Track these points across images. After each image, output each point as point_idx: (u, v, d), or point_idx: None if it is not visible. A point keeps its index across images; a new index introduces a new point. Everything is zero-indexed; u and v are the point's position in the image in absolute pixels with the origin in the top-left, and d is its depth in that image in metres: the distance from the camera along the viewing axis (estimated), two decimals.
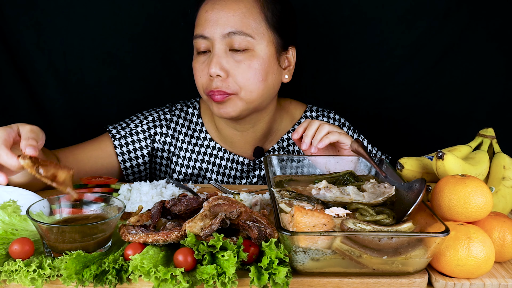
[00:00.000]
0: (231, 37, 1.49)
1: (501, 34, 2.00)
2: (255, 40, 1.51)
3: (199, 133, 1.74)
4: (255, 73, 1.52)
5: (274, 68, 1.58)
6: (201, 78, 1.56)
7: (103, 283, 0.96)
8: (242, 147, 1.72)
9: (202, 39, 1.53)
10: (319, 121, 1.44)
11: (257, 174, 1.73)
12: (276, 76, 1.59)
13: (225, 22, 1.49)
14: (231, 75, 1.51)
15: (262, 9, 1.53)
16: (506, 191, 1.31)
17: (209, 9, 1.53)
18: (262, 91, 1.56)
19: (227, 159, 1.72)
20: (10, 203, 1.16)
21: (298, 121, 1.77)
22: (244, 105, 1.55)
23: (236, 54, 1.51)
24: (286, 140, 1.74)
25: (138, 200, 1.33)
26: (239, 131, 1.68)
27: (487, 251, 1.03)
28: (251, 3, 1.53)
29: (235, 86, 1.51)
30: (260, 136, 1.71)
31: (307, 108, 1.80)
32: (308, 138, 1.42)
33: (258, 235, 1.03)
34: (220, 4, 1.52)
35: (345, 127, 1.80)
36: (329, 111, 1.82)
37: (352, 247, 0.97)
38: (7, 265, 0.98)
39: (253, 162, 1.71)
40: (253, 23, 1.51)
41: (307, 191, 1.22)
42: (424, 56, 2.04)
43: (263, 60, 1.53)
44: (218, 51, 1.51)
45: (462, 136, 1.55)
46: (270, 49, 1.55)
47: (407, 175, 1.40)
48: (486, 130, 1.46)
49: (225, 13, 1.50)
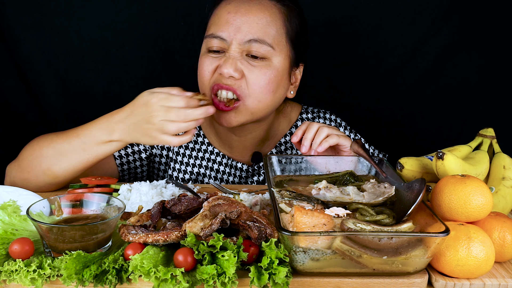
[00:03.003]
0: (251, 44, 1.44)
1: (501, 34, 2.00)
2: (274, 51, 1.47)
3: (197, 138, 1.71)
4: (268, 83, 1.47)
5: (285, 83, 1.55)
6: (209, 74, 1.48)
7: (103, 283, 0.96)
8: (241, 151, 1.69)
9: (218, 39, 1.46)
10: (318, 123, 1.43)
11: (256, 180, 1.70)
12: (284, 91, 1.56)
13: (248, 29, 1.44)
14: (245, 77, 1.45)
15: (285, 21, 1.50)
16: (506, 191, 1.31)
17: (233, 11, 1.46)
18: (269, 103, 1.51)
19: (225, 164, 1.69)
20: (10, 203, 1.16)
21: (294, 123, 1.75)
22: (248, 116, 1.50)
23: (253, 60, 1.46)
24: (284, 144, 1.72)
25: (138, 200, 1.33)
26: (237, 136, 1.65)
27: (487, 251, 1.03)
28: (276, 13, 1.48)
29: (245, 89, 1.45)
30: (258, 141, 1.68)
31: (302, 110, 1.78)
32: (308, 141, 1.40)
33: (258, 235, 1.03)
34: (245, 8, 1.45)
35: (342, 127, 1.78)
36: (325, 112, 1.79)
37: (352, 247, 0.97)
38: (7, 265, 0.98)
39: (252, 168, 1.69)
40: (276, 34, 1.47)
41: (307, 191, 1.22)
42: (424, 56, 2.04)
43: (277, 72, 1.48)
44: (235, 54, 1.45)
45: (462, 136, 1.55)
46: (285, 63, 1.51)
47: (407, 175, 1.40)
48: (486, 130, 1.46)
49: (249, 20, 1.44)
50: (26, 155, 1.46)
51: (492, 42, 2.01)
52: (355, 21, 2.01)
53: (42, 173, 1.42)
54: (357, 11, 2.00)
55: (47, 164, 1.41)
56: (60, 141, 1.41)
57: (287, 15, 1.50)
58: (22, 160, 1.47)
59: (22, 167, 1.46)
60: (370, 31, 2.02)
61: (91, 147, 1.38)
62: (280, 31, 1.48)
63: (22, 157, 1.47)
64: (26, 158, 1.46)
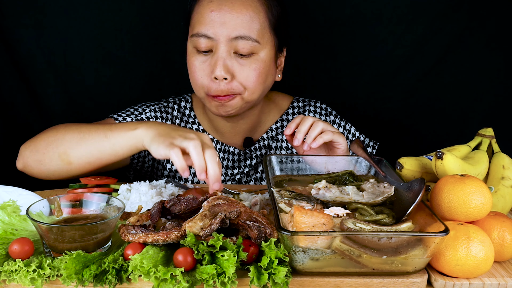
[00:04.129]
0: (238, 41, 1.49)
1: (501, 34, 2.00)
2: (260, 45, 1.52)
3: (192, 125, 1.76)
4: (258, 76, 1.54)
5: (273, 70, 1.62)
6: (202, 78, 1.55)
7: (103, 283, 0.97)
8: (233, 137, 1.75)
9: (205, 38, 1.51)
10: (312, 117, 1.42)
11: (248, 163, 1.75)
12: (272, 77, 1.64)
13: (233, 26, 1.48)
14: (235, 77, 1.52)
15: (267, 12, 1.54)
16: (505, 191, 1.31)
17: (216, 8, 1.49)
18: (262, 92, 1.60)
19: (219, 149, 1.75)
20: (10, 203, 1.17)
21: (285, 111, 1.81)
22: (244, 104, 1.59)
23: (241, 58, 1.51)
24: (274, 130, 1.78)
25: (137, 200, 1.33)
26: (229, 123, 1.71)
27: (486, 251, 1.03)
28: (258, 7, 1.52)
29: (239, 87, 1.53)
30: (249, 127, 1.74)
31: (294, 99, 1.84)
32: (301, 134, 1.40)
33: (258, 235, 1.03)
34: (228, 6, 1.49)
35: (332, 115, 1.82)
36: (316, 101, 1.84)
37: (351, 246, 0.97)
38: (7, 265, 0.98)
39: (243, 152, 1.75)
40: (259, 28, 1.51)
41: (306, 191, 1.22)
42: (424, 56, 2.04)
43: (265, 63, 1.55)
44: (223, 54, 1.50)
45: (461, 136, 1.55)
46: (271, 53, 1.58)
47: (407, 175, 1.40)
48: (486, 129, 1.46)
49: (233, 16, 1.48)
50: (46, 136, 1.45)
51: (492, 42, 2.01)
52: (355, 21, 2.01)
53: (57, 156, 1.41)
54: (357, 11, 2.00)
55: (64, 147, 1.40)
56: (85, 129, 1.41)
57: (268, 6, 1.54)
58: (39, 140, 1.46)
59: (38, 147, 1.45)
60: (370, 31, 2.02)
61: (113, 135, 1.36)
62: (263, 24, 1.53)
63: (41, 138, 1.46)
64: (44, 139, 1.45)
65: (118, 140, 1.35)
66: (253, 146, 1.76)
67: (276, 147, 1.78)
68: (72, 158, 1.40)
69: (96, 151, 1.38)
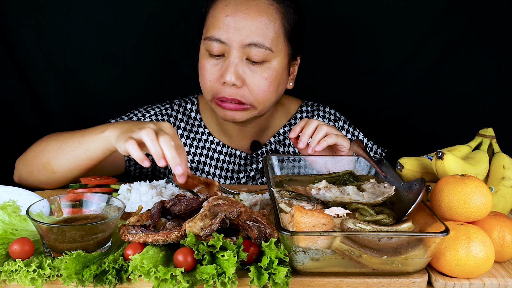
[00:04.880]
0: (251, 48, 1.47)
1: (501, 34, 2.00)
2: (273, 53, 1.50)
3: (198, 128, 1.74)
4: (269, 85, 1.52)
5: (285, 78, 1.60)
6: (210, 82, 1.53)
7: (103, 283, 0.97)
8: (241, 141, 1.74)
9: (218, 43, 1.48)
10: (317, 121, 1.43)
11: (255, 167, 1.74)
12: (284, 85, 1.62)
13: (247, 33, 1.46)
14: (246, 84, 1.50)
15: (283, 20, 1.51)
16: (505, 191, 1.31)
17: (230, 13, 1.47)
18: (273, 100, 1.59)
19: (225, 153, 1.73)
20: (10, 203, 1.17)
21: (294, 115, 1.79)
22: (254, 114, 1.58)
23: (252, 64, 1.49)
24: (282, 134, 1.77)
25: (137, 200, 1.33)
26: (237, 127, 1.69)
27: (486, 251, 1.03)
28: (273, 14, 1.49)
29: (250, 97, 1.52)
30: (258, 131, 1.73)
31: (302, 103, 1.82)
32: (306, 137, 1.40)
33: (258, 235, 1.03)
34: (243, 11, 1.47)
35: (341, 121, 1.81)
36: (325, 106, 1.83)
37: (352, 247, 0.97)
38: (7, 265, 0.98)
39: (250, 155, 1.74)
40: (274, 36, 1.49)
41: (307, 191, 1.22)
42: (424, 56, 2.04)
43: (277, 72, 1.53)
44: (235, 60, 1.48)
45: (462, 136, 1.55)
46: (284, 61, 1.55)
47: (407, 175, 1.40)
48: (486, 130, 1.46)
49: (248, 22, 1.46)
50: (34, 148, 1.51)
51: (492, 42, 2.01)
52: (355, 21, 2.01)
53: (42, 167, 1.45)
54: (357, 11, 2.00)
55: (47, 158, 1.44)
56: (63, 138, 1.44)
57: (284, 13, 1.52)
58: (29, 153, 1.52)
59: (27, 160, 1.50)
60: (370, 31, 2.02)
61: (85, 140, 1.38)
62: (278, 32, 1.50)
63: (30, 150, 1.52)
64: (32, 151, 1.51)
65: (90, 145, 1.37)
66: (260, 150, 1.74)
67: (283, 151, 1.76)
68: (54, 167, 1.43)
69: (73, 158, 1.41)
